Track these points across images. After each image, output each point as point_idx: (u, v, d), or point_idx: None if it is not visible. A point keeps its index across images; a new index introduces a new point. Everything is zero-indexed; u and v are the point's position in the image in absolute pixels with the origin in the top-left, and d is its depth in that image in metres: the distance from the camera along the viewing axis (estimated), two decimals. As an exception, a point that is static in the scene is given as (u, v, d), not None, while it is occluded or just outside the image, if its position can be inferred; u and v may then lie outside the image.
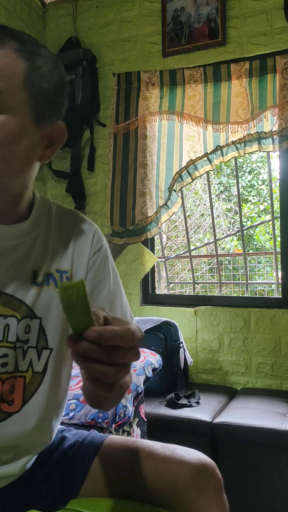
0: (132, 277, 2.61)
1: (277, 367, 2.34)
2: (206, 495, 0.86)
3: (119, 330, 0.57)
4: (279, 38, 2.31)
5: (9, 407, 0.84)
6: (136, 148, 2.54)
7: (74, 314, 0.57)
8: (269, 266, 5.08)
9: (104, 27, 2.71)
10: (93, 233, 0.94)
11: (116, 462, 0.93)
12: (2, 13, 2.49)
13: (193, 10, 2.46)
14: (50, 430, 0.93)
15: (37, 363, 0.86)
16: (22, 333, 0.83)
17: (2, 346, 0.81)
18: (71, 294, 0.56)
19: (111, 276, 0.95)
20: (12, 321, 0.82)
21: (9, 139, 0.74)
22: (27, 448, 0.89)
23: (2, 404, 0.83)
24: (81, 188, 2.74)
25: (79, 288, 0.56)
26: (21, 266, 0.84)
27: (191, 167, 2.44)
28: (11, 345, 0.82)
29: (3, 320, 0.81)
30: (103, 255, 0.95)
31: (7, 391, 0.83)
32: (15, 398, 0.84)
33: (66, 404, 0.98)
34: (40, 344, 0.86)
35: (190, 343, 2.51)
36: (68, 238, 0.91)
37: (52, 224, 0.90)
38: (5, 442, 0.85)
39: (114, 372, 0.57)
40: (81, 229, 0.93)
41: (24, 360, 0.84)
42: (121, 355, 0.58)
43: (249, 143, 2.32)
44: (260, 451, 1.85)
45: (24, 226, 0.85)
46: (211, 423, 1.93)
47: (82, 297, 0.56)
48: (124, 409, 1.65)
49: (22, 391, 0.85)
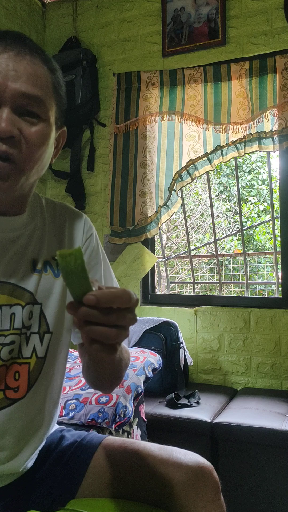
0: (132, 277, 2.60)
1: (277, 367, 2.34)
2: (203, 497, 0.87)
3: (116, 291, 0.60)
4: (279, 38, 2.31)
5: (15, 394, 0.85)
6: (136, 148, 2.54)
7: (73, 281, 0.59)
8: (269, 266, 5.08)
9: (104, 27, 2.71)
10: (84, 222, 0.99)
11: (114, 463, 0.94)
12: (2, 13, 2.49)
13: (193, 10, 2.46)
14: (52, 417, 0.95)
15: (40, 348, 0.88)
16: (26, 319, 0.86)
17: (9, 334, 0.84)
18: (69, 262, 0.58)
19: (101, 262, 1.00)
20: (18, 309, 0.85)
21: (44, 145, 0.80)
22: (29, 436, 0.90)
23: (8, 391, 0.84)
24: (81, 188, 2.74)
25: (77, 255, 0.58)
26: (22, 256, 0.88)
27: (191, 167, 2.44)
28: (17, 332, 0.85)
29: (9, 309, 0.84)
30: (94, 243, 1.00)
31: (12, 378, 0.85)
32: (20, 384, 0.86)
33: None
34: (42, 329, 0.89)
35: (190, 343, 2.51)
36: (61, 228, 0.95)
37: (46, 215, 0.95)
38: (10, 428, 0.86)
39: (115, 333, 0.60)
40: (72, 218, 0.98)
41: (28, 346, 0.87)
42: (120, 316, 0.60)
43: (249, 143, 2.32)
44: (260, 451, 1.85)
45: (23, 218, 0.89)
46: (211, 423, 1.93)
47: (79, 264, 0.58)
48: (124, 409, 1.65)
49: (27, 377, 0.87)
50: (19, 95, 0.76)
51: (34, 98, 0.77)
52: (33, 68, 0.77)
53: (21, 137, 0.77)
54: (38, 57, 0.79)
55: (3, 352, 0.83)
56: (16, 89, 0.75)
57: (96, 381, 0.93)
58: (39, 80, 0.78)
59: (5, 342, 0.83)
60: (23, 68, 0.76)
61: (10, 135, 0.74)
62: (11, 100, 0.75)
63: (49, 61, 0.82)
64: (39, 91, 0.78)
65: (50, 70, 0.81)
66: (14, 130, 0.75)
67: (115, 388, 0.97)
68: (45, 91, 0.79)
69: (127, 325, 0.62)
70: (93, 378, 0.93)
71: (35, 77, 0.77)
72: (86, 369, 0.92)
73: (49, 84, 0.80)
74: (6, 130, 0.74)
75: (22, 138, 0.77)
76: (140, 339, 2.34)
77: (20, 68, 0.76)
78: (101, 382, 0.93)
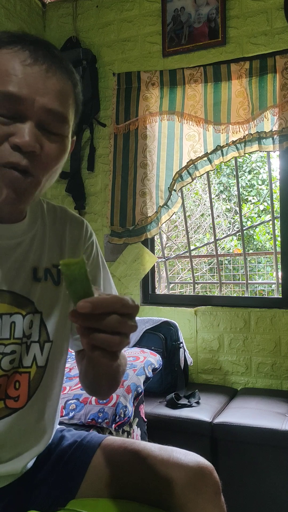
0: (132, 277, 2.60)
1: (277, 367, 2.34)
2: (204, 498, 0.87)
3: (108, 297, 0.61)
4: (279, 38, 2.31)
5: (15, 403, 0.85)
6: (136, 148, 2.54)
7: (76, 289, 0.60)
8: (269, 266, 5.08)
9: (104, 27, 2.71)
10: (84, 228, 0.99)
11: (114, 463, 0.94)
12: (2, 13, 2.49)
13: (193, 10, 2.46)
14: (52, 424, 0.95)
15: (40, 357, 0.88)
16: (27, 328, 0.86)
17: (10, 343, 0.83)
18: (73, 271, 0.59)
19: (101, 269, 1.01)
20: (18, 318, 0.84)
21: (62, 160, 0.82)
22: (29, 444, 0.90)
23: (8, 401, 0.84)
24: (81, 188, 2.74)
25: (81, 265, 0.59)
26: (22, 264, 0.87)
27: (191, 167, 2.44)
28: (18, 341, 0.84)
29: (9, 318, 0.84)
30: (94, 249, 1.00)
31: (12, 388, 0.84)
32: (20, 394, 0.85)
33: None
34: (42, 338, 0.88)
35: (190, 343, 2.51)
36: (61, 234, 0.95)
37: (46, 221, 0.94)
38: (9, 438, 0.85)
39: (118, 340, 0.61)
40: (73, 224, 0.98)
41: (28, 355, 0.87)
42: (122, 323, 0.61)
43: (249, 143, 2.32)
44: (260, 451, 1.85)
45: (24, 224, 0.88)
46: (211, 423, 1.93)
47: (83, 273, 0.59)
48: (124, 409, 1.65)
49: (27, 386, 0.86)
50: (45, 111, 0.76)
51: (59, 115, 0.78)
52: (61, 84, 0.78)
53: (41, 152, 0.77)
54: (66, 72, 0.80)
55: (3, 362, 0.82)
56: (44, 104, 0.75)
57: (93, 387, 0.94)
58: (65, 97, 0.79)
59: (5, 352, 0.83)
60: (52, 84, 0.76)
61: (32, 150, 0.75)
62: (36, 114, 0.75)
63: (73, 73, 0.82)
64: (63, 108, 0.78)
65: (73, 84, 0.82)
66: (36, 145, 0.75)
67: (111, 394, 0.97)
68: (68, 107, 0.80)
69: (128, 332, 0.62)
70: (90, 384, 0.93)
71: (62, 94, 0.78)
72: (83, 374, 0.93)
73: (72, 100, 0.81)
74: (30, 145, 0.74)
75: (42, 153, 0.77)
76: (140, 339, 2.34)
77: (49, 84, 0.76)
78: (98, 388, 0.94)
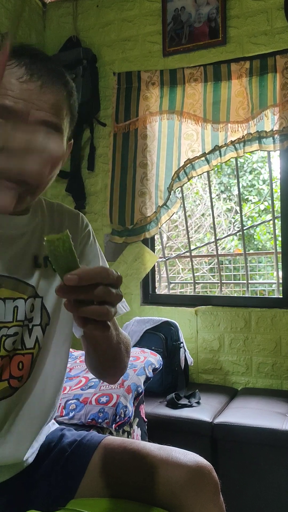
0: (133, 276, 2.60)
1: (278, 367, 2.34)
2: (203, 497, 0.87)
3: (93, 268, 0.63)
4: (279, 38, 2.31)
5: (19, 383, 0.89)
6: (136, 147, 2.54)
7: (61, 265, 0.60)
8: (269, 266, 5.08)
9: (104, 26, 2.71)
10: (80, 219, 1.04)
11: (113, 463, 0.94)
12: (2, 13, 2.49)
13: (194, 10, 2.45)
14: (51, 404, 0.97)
15: (42, 338, 0.92)
16: (28, 311, 0.90)
17: (13, 326, 0.87)
18: (57, 246, 0.59)
19: (99, 258, 1.04)
20: (20, 302, 0.89)
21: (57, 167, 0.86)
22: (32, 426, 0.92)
23: (12, 380, 0.87)
24: (81, 187, 2.74)
25: (64, 239, 0.59)
26: (25, 253, 0.92)
27: (188, 167, 2.44)
28: (20, 324, 0.88)
29: (12, 302, 0.88)
30: (91, 238, 1.04)
31: (16, 368, 0.88)
32: (23, 374, 0.89)
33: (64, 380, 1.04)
34: (44, 321, 0.92)
35: (191, 343, 2.50)
36: (60, 225, 1.00)
37: (46, 214, 0.99)
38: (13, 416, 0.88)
39: (106, 309, 0.63)
40: (69, 216, 1.03)
41: (31, 338, 0.90)
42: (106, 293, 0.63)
43: (249, 143, 2.32)
44: (260, 451, 1.85)
45: (27, 217, 0.94)
46: (212, 423, 1.93)
47: (68, 248, 0.59)
48: (125, 409, 1.65)
49: (30, 367, 0.90)
50: (40, 123, 0.80)
51: (53, 126, 0.81)
52: (55, 98, 0.81)
53: None
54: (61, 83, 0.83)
55: (7, 342, 0.86)
56: (39, 117, 0.79)
57: (98, 367, 0.96)
58: (59, 108, 0.82)
59: (8, 334, 0.86)
60: (47, 98, 0.80)
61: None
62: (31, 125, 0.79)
63: (68, 83, 0.86)
64: (58, 119, 0.82)
65: (68, 94, 0.85)
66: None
67: (119, 377, 1.01)
68: (63, 118, 0.84)
69: (114, 301, 0.65)
70: (95, 364, 0.96)
71: (57, 106, 0.82)
72: (87, 356, 0.96)
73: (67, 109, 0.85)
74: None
75: None
76: (141, 339, 2.34)
77: (45, 98, 0.80)
78: (103, 368, 0.96)
